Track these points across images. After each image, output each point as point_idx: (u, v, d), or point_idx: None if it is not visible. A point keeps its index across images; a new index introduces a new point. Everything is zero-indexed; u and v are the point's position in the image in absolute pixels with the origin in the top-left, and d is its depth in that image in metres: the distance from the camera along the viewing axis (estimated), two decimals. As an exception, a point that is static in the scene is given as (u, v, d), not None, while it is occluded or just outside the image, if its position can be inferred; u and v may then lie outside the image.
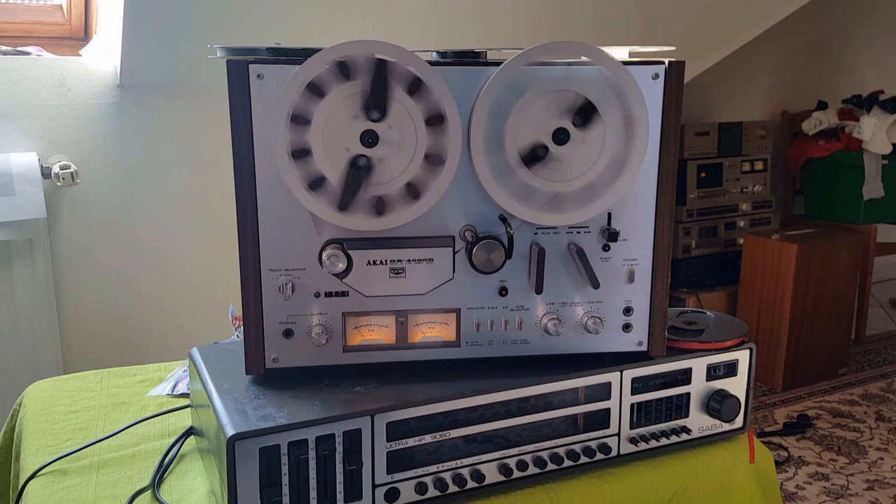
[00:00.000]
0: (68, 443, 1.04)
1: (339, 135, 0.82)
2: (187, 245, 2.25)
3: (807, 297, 2.79)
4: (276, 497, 0.79)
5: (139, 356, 2.12)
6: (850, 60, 3.85)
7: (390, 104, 0.82)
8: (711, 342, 0.99)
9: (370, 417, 0.82)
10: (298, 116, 0.81)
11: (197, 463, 0.98)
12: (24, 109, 2.00)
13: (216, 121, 1.90)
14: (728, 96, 3.51)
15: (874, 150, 3.16)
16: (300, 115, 0.81)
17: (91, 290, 2.15)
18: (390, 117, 0.82)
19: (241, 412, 0.81)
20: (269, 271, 0.87)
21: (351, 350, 0.90)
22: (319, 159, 0.82)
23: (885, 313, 3.71)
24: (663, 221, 0.92)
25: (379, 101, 0.82)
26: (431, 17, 2.22)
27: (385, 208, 0.85)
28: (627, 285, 0.93)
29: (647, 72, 0.88)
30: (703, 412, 0.99)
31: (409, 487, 0.85)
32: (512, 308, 0.92)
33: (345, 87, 0.81)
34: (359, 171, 0.83)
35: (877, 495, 2.14)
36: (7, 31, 2.14)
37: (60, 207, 2.08)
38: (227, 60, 0.82)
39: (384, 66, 0.81)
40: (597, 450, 0.93)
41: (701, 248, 3.05)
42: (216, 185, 2.20)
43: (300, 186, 0.82)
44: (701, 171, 3.03)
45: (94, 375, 1.27)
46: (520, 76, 0.84)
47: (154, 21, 1.90)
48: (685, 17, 2.63)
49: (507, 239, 0.89)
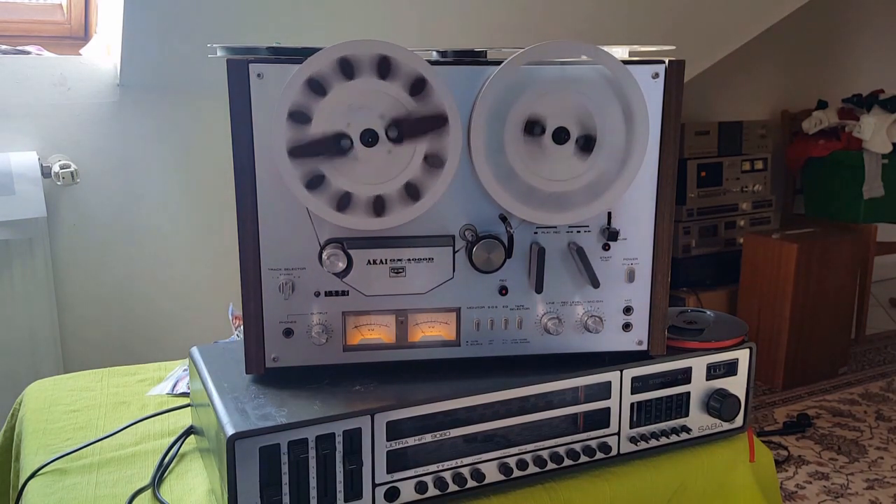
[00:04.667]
0: (68, 442, 1.04)
1: (342, 120, 0.82)
2: (187, 244, 2.25)
3: (807, 296, 2.79)
4: (276, 496, 0.79)
5: (139, 355, 2.12)
6: (850, 60, 3.85)
7: (412, 143, 0.83)
8: (711, 341, 0.99)
9: (370, 417, 0.82)
10: (299, 114, 0.81)
11: (197, 462, 0.98)
12: (24, 109, 2.00)
13: (216, 121, 1.90)
14: (728, 96, 3.51)
15: (874, 150, 3.16)
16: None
17: (91, 289, 2.15)
18: (400, 146, 0.83)
19: (241, 411, 0.81)
20: (269, 271, 0.87)
21: (351, 349, 0.90)
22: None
23: (885, 313, 3.71)
24: (663, 221, 0.92)
25: (410, 132, 0.82)
26: (432, 17, 2.22)
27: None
28: (627, 284, 0.93)
29: (647, 71, 0.88)
30: (703, 411, 0.99)
31: (409, 487, 0.85)
32: (512, 307, 0.92)
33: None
34: (332, 146, 0.82)
35: (877, 494, 2.14)
36: (7, 30, 2.14)
37: (60, 207, 2.08)
38: (227, 60, 0.82)
39: (445, 122, 0.82)
40: (597, 449, 0.94)
41: (701, 248, 3.05)
42: (216, 184, 2.20)
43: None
44: (701, 170, 3.03)
45: (94, 375, 1.27)
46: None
47: (154, 21, 1.90)
48: (685, 16, 2.63)
49: (507, 238, 0.89)
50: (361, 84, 0.81)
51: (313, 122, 0.81)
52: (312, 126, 0.81)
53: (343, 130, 0.82)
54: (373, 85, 0.81)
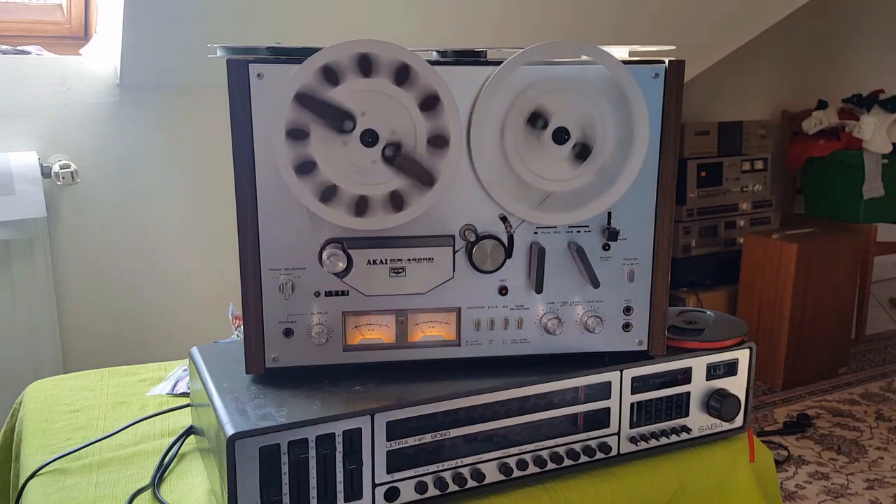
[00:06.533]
0: (68, 442, 1.04)
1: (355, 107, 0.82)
2: (187, 244, 2.25)
3: (807, 296, 2.79)
4: (276, 496, 0.79)
5: (139, 355, 2.12)
6: (850, 60, 3.85)
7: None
8: (711, 341, 0.99)
9: (370, 417, 0.82)
10: (307, 97, 0.81)
11: (197, 462, 0.98)
12: (24, 109, 2.00)
13: (216, 121, 1.90)
14: (728, 96, 3.51)
15: (874, 150, 3.16)
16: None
17: (91, 289, 2.15)
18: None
19: (241, 411, 0.81)
20: (269, 270, 0.87)
21: (351, 349, 0.90)
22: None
23: (885, 313, 3.71)
24: (663, 221, 0.92)
25: (400, 168, 0.83)
26: (432, 17, 2.22)
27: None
28: (627, 284, 0.93)
29: (647, 71, 0.88)
30: (703, 411, 0.99)
31: (409, 487, 0.85)
32: (512, 307, 0.92)
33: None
34: (335, 120, 0.82)
35: (877, 494, 2.14)
36: (7, 30, 2.14)
37: (60, 207, 2.08)
38: (227, 60, 0.82)
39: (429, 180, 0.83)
40: (597, 449, 0.94)
41: (701, 248, 3.05)
42: (216, 184, 2.20)
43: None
44: (701, 170, 3.03)
45: (94, 375, 1.27)
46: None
47: (154, 21, 1.90)
48: (685, 16, 2.63)
49: (507, 238, 0.89)
50: (377, 84, 0.81)
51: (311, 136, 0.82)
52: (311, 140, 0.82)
53: (353, 112, 0.82)
54: (388, 88, 0.81)
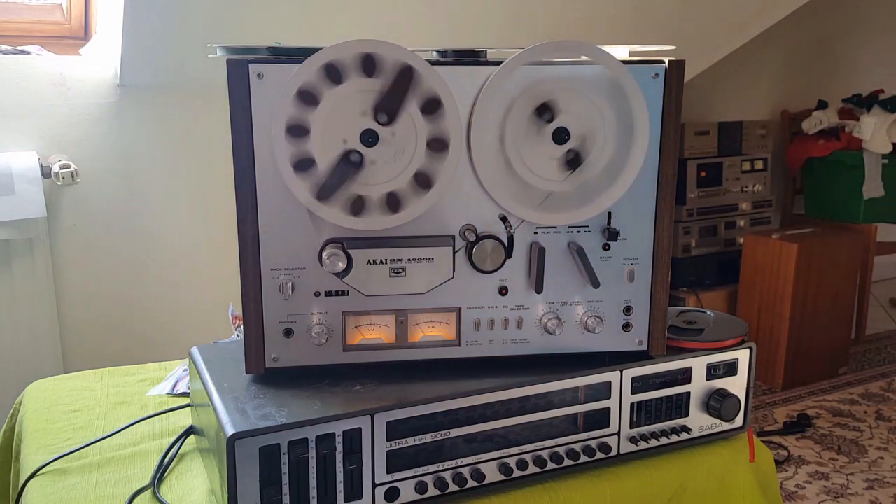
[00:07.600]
0: (68, 442, 1.04)
1: (340, 129, 0.82)
2: (187, 244, 2.25)
3: (807, 296, 2.79)
4: (276, 496, 0.79)
5: (139, 355, 2.12)
6: (850, 60, 3.85)
7: (401, 113, 0.82)
8: (711, 341, 0.99)
9: (370, 417, 0.82)
10: (296, 127, 0.81)
11: (197, 462, 0.98)
12: (24, 109, 2.00)
13: (216, 121, 1.90)
14: (728, 96, 3.51)
15: (874, 150, 3.16)
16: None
17: (91, 289, 2.15)
18: (397, 124, 0.83)
19: (241, 411, 0.81)
20: (269, 271, 0.87)
21: (351, 349, 0.90)
22: (320, 161, 0.82)
23: (885, 313, 3.71)
24: (663, 221, 0.92)
25: (391, 107, 0.82)
26: (431, 17, 2.22)
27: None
28: (627, 284, 0.93)
29: (647, 71, 0.88)
30: (703, 411, 0.99)
31: (409, 487, 0.85)
32: (512, 307, 0.92)
33: (359, 82, 0.81)
34: (348, 167, 0.83)
35: (877, 494, 2.14)
36: (7, 30, 2.14)
37: (60, 207, 2.08)
38: (227, 60, 0.82)
39: (409, 74, 0.80)
40: (597, 449, 0.94)
41: (701, 248, 3.05)
42: (216, 184, 2.20)
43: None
44: (701, 170, 3.03)
45: (95, 375, 1.27)
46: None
47: (154, 21, 1.90)
48: (685, 16, 2.63)
49: (507, 238, 0.89)
50: (377, 85, 0.81)
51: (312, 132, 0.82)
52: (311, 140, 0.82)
53: (345, 148, 0.82)
54: (359, 85, 0.81)
